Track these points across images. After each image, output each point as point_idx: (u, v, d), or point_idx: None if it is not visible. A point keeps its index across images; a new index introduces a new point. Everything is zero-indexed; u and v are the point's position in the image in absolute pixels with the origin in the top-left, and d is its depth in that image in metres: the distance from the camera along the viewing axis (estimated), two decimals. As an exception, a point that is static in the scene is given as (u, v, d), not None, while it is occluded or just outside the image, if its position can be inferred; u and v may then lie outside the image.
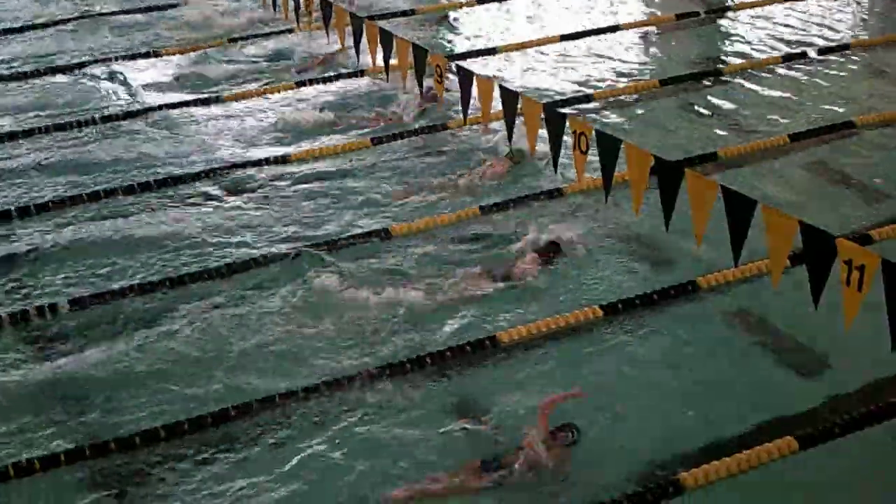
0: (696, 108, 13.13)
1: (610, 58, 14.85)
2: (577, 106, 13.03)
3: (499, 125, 10.68)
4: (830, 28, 15.89)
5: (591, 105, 13.17)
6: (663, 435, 7.53)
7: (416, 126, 12.44)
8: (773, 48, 15.08)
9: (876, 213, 10.54)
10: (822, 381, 8.18)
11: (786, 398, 7.92)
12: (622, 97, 13.44)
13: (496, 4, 17.39)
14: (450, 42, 15.89)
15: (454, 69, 10.10)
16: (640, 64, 14.62)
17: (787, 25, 16.06)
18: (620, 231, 10.16)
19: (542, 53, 15.10)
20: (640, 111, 13.05)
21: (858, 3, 17.06)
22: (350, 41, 11.92)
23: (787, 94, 13.49)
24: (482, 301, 9.10)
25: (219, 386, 8.10)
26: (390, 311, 8.93)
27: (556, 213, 10.51)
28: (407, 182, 11.20)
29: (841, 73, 14.24)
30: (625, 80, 13.99)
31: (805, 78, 14.06)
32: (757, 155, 11.76)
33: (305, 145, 12.18)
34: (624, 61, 14.70)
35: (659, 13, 16.82)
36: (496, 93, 9.34)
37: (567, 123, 8.37)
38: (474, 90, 9.66)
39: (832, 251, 5.99)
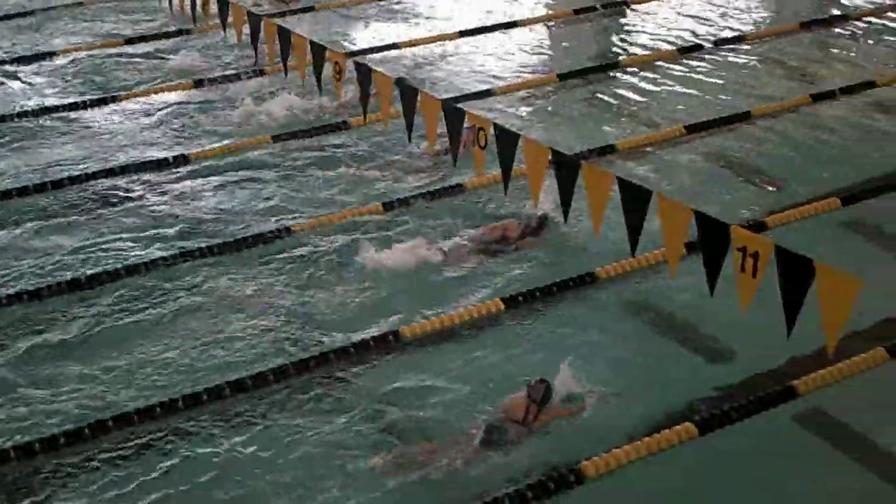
0: (594, 101, 13.25)
1: (509, 53, 14.92)
2: (477, 101, 13.06)
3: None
4: (727, 19, 16.17)
5: (492, 100, 13.22)
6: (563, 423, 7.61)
7: (315, 127, 12.44)
8: (669, 40, 15.29)
9: (773, 200, 10.75)
10: (722, 366, 8.29)
11: (685, 384, 8.01)
12: (522, 92, 13.52)
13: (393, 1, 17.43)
14: (350, 39, 15.84)
15: (353, 66, 10.08)
16: (539, 58, 14.72)
17: (684, 16, 16.29)
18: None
19: (442, 49, 15.13)
20: (539, 105, 13.13)
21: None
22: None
23: (685, 86, 13.69)
24: (385, 299, 9.12)
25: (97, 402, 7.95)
26: (291, 316, 8.92)
27: (457, 208, 10.57)
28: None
29: (737, 64, 14.49)
30: (524, 74, 14.08)
31: (702, 69, 14.29)
32: (655, 146, 11.92)
33: (206, 144, 12.11)
34: (523, 56, 14.78)
35: (556, 8, 16.93)
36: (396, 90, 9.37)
37: (465, 118, 8.39)
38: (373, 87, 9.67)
39: (726, 239, 6.09)
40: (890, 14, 16.38)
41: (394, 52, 14.97)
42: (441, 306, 8.99)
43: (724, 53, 14.84)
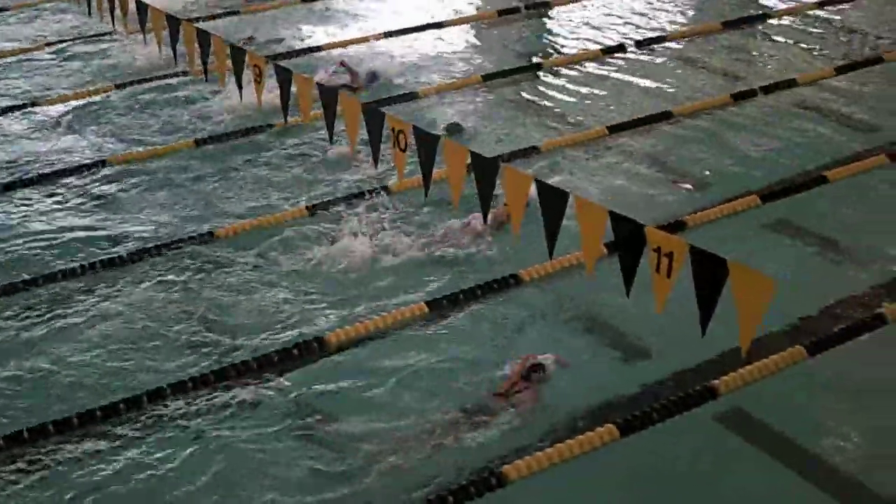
0: (519, 102, 13.26)
1: (433, 55, 14.89)
2: (401, 104, 13.04)
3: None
4: (649, 20, 16.27)
5: (416, 102, 13.19)
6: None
7: (238, 129, 12.35)
8: (592, 41, 15.35)
9: (693, 200, 10.83)
10: (641, 367, 8.32)
11: (606, 385, 8.06)
12: (445, 93, 13.49)
13: (319, 3, 17.29)
14: (276, 41, 15.73)
15: (274, 69, 9.99)
16: (463, 60, 14.69)
17: (607, 17, 16.37)
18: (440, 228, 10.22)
19: (366, 51, 15.05)
20: (463, 107, 13.11)
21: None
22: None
23: (608, 86, 13.75)
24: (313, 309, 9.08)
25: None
26: (212, 323, 8.82)
27: (382, 211, 10.54)
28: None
29: (660, 64, 14.59)
30: (448, 76, 14.06)
31: (625, 69, 14.37)
32: (579, 147, 11.95)
33: (127, 148, 11.97)
34: (448, 58, 14.75)
35: (482, 10, 16.93)
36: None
37: (386, 121, 8.34)
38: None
39: (641, 239, 6.10)
40: (809, 13, 16.55)
41: (320, 54, 14.90)
42: (369, 309, 8.98)
43: (647, 53, 14.93)
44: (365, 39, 15.43)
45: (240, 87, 10.32)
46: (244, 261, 9.72)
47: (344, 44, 15.26)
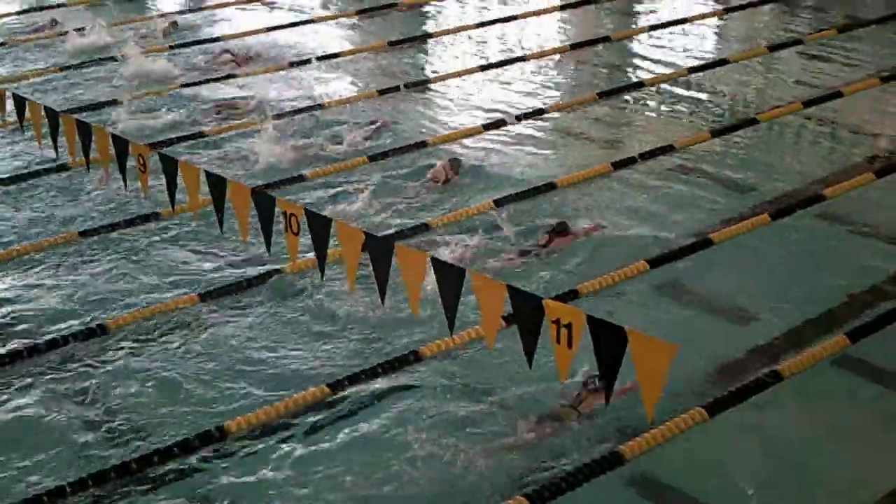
0: (405, 180, 13.28)
1: (318, 135, 14.84)
2: (288, 186, 13.01)
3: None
4: (527, 95, 16.44)
5: (304, 185, 13.15)
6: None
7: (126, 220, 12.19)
8: (474, 116, 15.47)
9: (581, 268, 10.97)
10: (537, 440, 8.35)
11: (515, 454, 8.11)
12: (335, 175, 13.46)
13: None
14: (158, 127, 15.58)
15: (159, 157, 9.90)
16: (348, 141, 14.66)
17: (485, 95, 16.53)
18: (335, 309, 10.21)
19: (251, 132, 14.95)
20: (350, 184, 13.11)
21: (553, 70, 17.74)
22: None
23: (490, 160, 13.85)
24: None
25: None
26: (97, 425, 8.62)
27: (272, 294, 10.54)
28: None
29: (540, 137, 14.77)
30: (334, 159, 14.01)
31: (507, 142, 14.51)
32: (459, 222, 12.02)
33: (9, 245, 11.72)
34: (331, 140, 14.74)
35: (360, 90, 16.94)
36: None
37: (277, 206, 8.30)
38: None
39: (540, 312, 6.15)
40: (681, 79, 16.99)
41: (202, 140, 14.77)
42: (267, 394, 8.91)
43: (526, 127, 15.11)
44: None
45: (124, 176, 10.18)
46: (134, 353, 9.56)
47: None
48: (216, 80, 17.15)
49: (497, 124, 15.09)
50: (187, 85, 16.91)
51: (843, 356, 9.40)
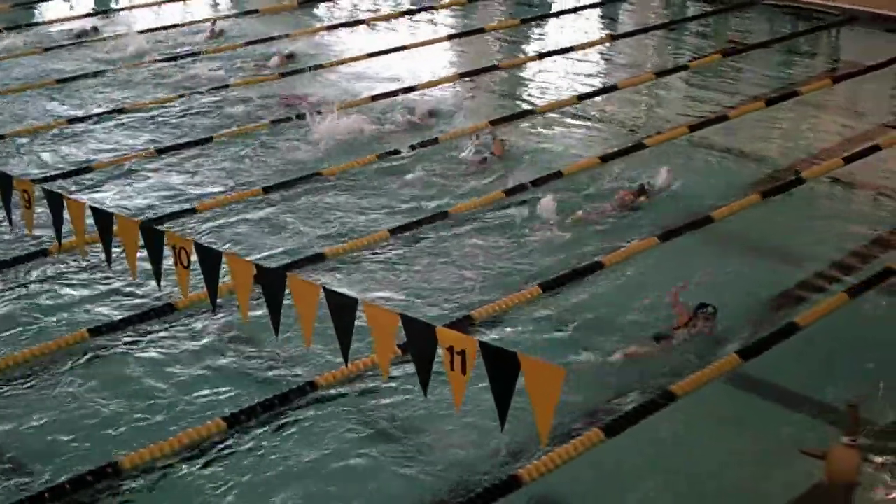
0: (297, 210, 13.23)
1: (207, 168, 14.73)
2: (180, 220, 12.87)
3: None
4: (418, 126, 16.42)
5: (196, 217, 13.02)
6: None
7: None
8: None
9: (477, 293, 11.06)
10: (432, 467, 8.43)
11: (408, 486, 8.13)
12: (225, 207, 13.35)
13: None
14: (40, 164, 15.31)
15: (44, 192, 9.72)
16: (239, 171, 14.57)
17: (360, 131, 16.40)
18: (233, 338, 10.17)
19: (139, 167, 14.73)
20: (241, 218, 13.03)
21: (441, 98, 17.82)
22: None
23: (382, 196, 13.82)
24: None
25: None
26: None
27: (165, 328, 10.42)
28: None
29: (433, 166, 14.77)
30: (226, 189, 13.90)
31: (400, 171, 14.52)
32: (354, 254, 12.03)
33: None
34: (222, 168, 14.63)
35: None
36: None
37: (166, 239, 8.20)
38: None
39: (433, 340, 6.16)
40: (572, 106, 17.15)
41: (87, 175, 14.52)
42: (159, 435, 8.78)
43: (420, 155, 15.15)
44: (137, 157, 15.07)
45: (9, 215, 9.97)
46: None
47: (116, 161, 14.85)
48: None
49: (391, 153, 15.05)
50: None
51: (735, 375, 9.62)
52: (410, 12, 23.29)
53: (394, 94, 17.59)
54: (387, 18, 22.87)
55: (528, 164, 14.59)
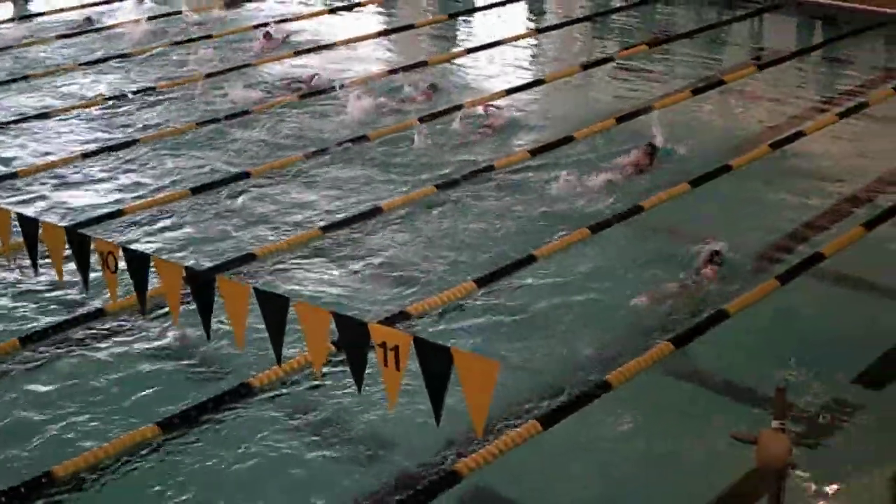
0: (231, 212, 13.15)
1: (133, 170, 14.54)
2: (108, 223, 12.71)
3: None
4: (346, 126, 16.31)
5: (122, 220, 12.87)
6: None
7: None
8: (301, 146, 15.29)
9: (417, 290, 11.09)
10: (373, 466, 8.44)
11: (347, 488, 8.12)
12: (153, 209, 13.21)
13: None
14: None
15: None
16: (169, 173, 14.42)
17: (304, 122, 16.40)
18: (166, 346, 10.06)
19: (66, 170, 14.54)
20: (170, 222, 12.91)
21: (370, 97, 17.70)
22: None
23: (313, 192, 13.79)
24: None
25: None
26: None
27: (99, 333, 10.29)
28: None
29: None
30: (154, 191, 13.75)
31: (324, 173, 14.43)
32: (287, 252, 11.97)
33: None
34: (150, 172, 14.46)
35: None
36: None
37: (93, 244, 8.11)
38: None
39: (366, 336, 6.16)
40: (501, 100, 17.18)
41: (16, 181, 14.30)
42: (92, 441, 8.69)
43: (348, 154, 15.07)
44: (65, 161, 14.83)
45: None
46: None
47: (42, 167, 14.63)
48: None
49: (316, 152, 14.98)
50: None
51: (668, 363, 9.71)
52: (333, 10, 23.14)
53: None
54: (311, 16, 22.70)
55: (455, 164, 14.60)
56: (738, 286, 10.96)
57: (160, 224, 12.81)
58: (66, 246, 8.03)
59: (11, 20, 22.54)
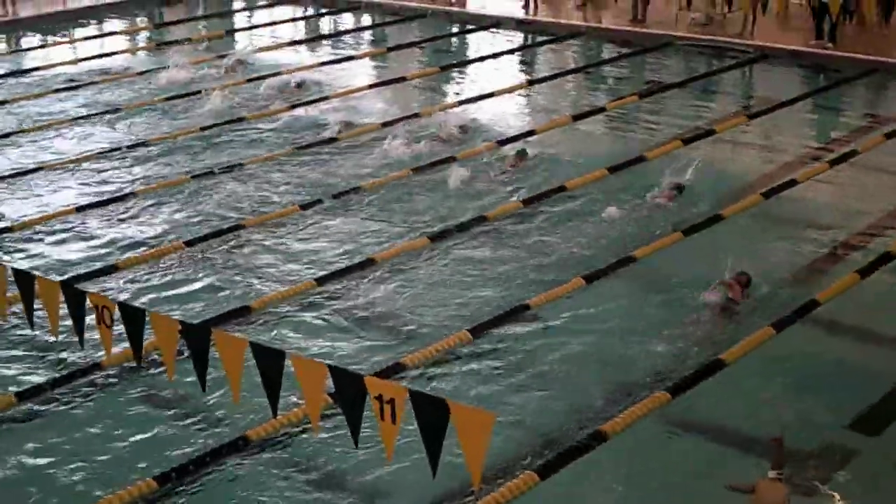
0: (220, 264, 13.15)
1: (127, 224, 14.55)
2: (101, 279, 12.70)
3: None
4: (337, 176, 16.35)
5: (116, 275, 12.86)
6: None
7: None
8: (291, 199, 15.31)
9: (407, 341, 11.11)
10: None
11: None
12: (147, 263, 13.20)
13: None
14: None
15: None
16: (160, 227, 14.42)
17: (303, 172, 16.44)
18: (163, 399, 10.05)
19: (59, 225, 14.54)
20: (165, 276, 12.91)
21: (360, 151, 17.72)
22: None
23: (310, 243, 13.81)
24: None
25: None
26: None
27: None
28: None
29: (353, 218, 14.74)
30: (146, 246, 13.73)
31: (324, 223, 14.44)
32: (281, 303, 12.00)
33: None
34: (142, 226, 14.45)
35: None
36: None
37: (88, 299, 8.14)
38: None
39: (362, 389, 6.17)
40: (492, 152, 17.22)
41: (12, 235, 14.27)
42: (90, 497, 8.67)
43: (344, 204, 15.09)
44: (56, 215, 14.81)
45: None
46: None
47: (36, 221, 14.60)
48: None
49: (314, 203, 15.02)
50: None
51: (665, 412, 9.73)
52: (326, 63, 23.21)
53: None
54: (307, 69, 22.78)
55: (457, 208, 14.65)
56: (732, 332, 11.00)
57: (154, 278, 12.81)
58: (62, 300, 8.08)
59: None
